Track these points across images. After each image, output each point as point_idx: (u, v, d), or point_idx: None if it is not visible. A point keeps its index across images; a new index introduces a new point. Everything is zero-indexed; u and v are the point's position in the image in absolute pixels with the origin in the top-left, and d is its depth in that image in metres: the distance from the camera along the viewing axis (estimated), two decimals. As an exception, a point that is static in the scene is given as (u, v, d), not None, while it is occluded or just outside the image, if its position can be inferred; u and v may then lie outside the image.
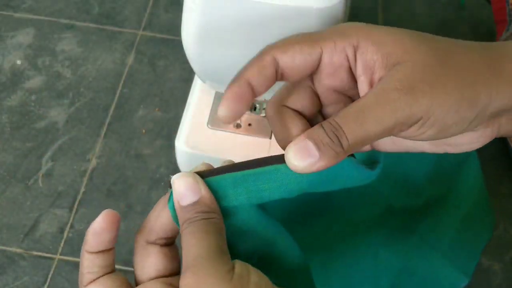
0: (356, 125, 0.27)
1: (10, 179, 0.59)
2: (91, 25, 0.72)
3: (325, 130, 0.28)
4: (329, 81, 0.31)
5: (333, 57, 0.30)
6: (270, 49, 0.31)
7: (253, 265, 0.29)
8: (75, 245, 0.55)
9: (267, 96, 0.52)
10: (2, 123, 0.63)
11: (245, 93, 0.30)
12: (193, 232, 0.29)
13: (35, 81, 0.67)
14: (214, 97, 0.57)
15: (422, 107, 0.27)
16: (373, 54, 0.28)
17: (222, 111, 0.30)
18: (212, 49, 0.47)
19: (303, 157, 0.27)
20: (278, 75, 0.30)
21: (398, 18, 0.76)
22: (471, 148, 0.34)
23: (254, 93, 0.30)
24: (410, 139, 0.30)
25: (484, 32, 0.73)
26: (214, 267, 0.27)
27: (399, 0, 0.78)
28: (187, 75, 0.67)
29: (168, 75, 0.68)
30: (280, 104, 0.32)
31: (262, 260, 0.34)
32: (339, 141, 0.27)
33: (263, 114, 0.55)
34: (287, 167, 0.28)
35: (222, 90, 0.54)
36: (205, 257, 0.28)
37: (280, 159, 0.30)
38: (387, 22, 0.75)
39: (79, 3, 0.75)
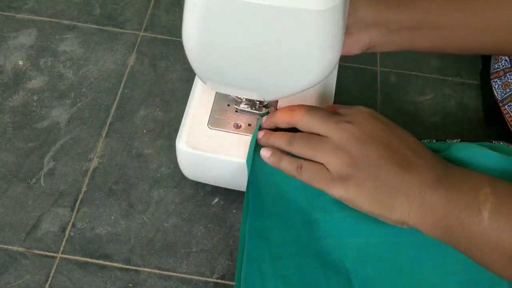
0: None
1: (12, 179, 0.59)
2: (93, 26, 0.73)
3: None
4: None
5: None
6: None
7: None
8: (76, 244, 0.55)
9: (268, 98, 0.53)
10: (5, 123, 0.63)
11: None
12: None
13: (37, 82, 0.67)
14: (215, 98, 0.57)
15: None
16: None
17: None
18: (212, 50, 0.48)
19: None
20: None
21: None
22: (349, 51, 0.52)
23: None
24: None
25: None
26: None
27: (398, 2, 0.79)
28: (188, 76, 0.68)
29: (169, 76, 0.68)
30: None
31: None
32: None
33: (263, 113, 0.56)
34: None
35: (222, 90, 0.54)
36: None
37: None
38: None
39: (80, 4, 0.75)
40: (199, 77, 0.53)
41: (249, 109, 0.55)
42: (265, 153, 0.49)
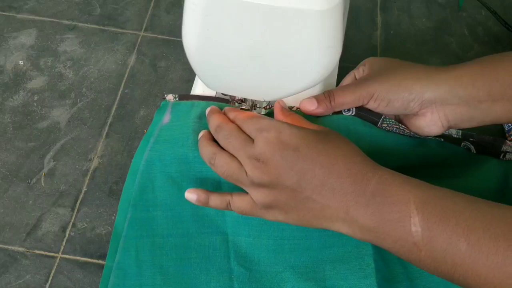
0: (340, 95, 0.51)
1: (13, 179, 0.59)
2: (93, 26, 0.73)
3: (324, 94, 0.53)
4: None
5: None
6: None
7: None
8: (77, 244, 0.55)
9: (268, 98, 0.53)
10: (5, 123, 0.63)
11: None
12: None
13: (38, 82, 0.67)
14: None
15: (371, 87, 0.50)
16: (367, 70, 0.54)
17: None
18: (212, 50, 0.48)
19: (309, 105, 0.52)
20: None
21: (396, 19, 0.76)
22: (430, 131, 0.51)
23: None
24: (377, 111, 0.52)
25: (482, 33, 0.73)
26: None
27: (397, 2, 0.79)
28: (188, 76, 0.68)
29: (169, 76, 0.69)
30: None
31: None
32: (330, 101, 0.52)
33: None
34: None
35: (222, 90, 0.55)
36: None
37: None
38: (386, 23, 0.76)
39: (81, 5, 0.75)
40: (199, 77, 0.53)
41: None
42: (191, 196, 0.48)
